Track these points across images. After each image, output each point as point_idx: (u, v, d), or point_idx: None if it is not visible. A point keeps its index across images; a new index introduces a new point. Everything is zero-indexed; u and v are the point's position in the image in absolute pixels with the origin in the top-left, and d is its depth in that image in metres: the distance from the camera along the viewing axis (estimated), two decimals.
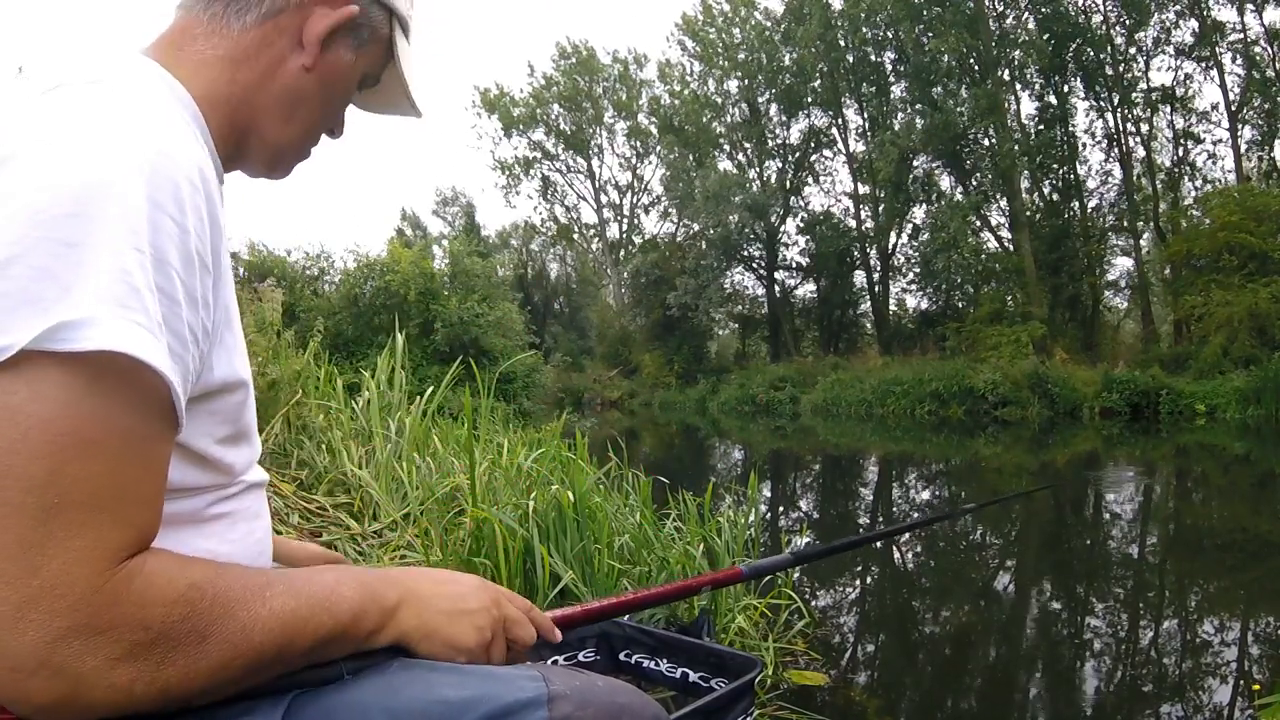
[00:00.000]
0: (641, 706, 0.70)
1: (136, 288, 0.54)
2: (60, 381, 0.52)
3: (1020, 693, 2.96)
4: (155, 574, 0.55)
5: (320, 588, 0.64)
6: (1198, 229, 20.26)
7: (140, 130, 0.59)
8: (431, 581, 0.73)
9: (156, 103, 0.64)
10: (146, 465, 0.56)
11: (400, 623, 0.68)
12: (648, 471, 3.36)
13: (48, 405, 0.51)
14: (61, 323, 0.51)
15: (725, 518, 3.15)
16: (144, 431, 0.56)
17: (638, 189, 38.16)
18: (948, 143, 24.21)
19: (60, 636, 0.50)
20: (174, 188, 0.58)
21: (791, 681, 2.72)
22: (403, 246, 20.12)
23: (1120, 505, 7.05)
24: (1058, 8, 23.14)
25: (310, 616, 0.62)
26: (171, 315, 0.57)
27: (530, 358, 17.64)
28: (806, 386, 22.77)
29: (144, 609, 0.53)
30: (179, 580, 0.56)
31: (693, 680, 0.91)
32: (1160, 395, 15.96)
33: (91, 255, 0.53)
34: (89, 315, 0.52)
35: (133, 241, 0.54)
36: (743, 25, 31.59)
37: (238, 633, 0.57)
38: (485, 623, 0.72)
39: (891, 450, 12.58)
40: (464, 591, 0.73)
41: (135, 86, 0.64)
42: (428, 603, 0.70)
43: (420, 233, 43.94)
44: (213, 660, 0.56)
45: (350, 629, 0.65)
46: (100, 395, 0.53)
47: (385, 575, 0.70)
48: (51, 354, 0.51)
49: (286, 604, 0.61)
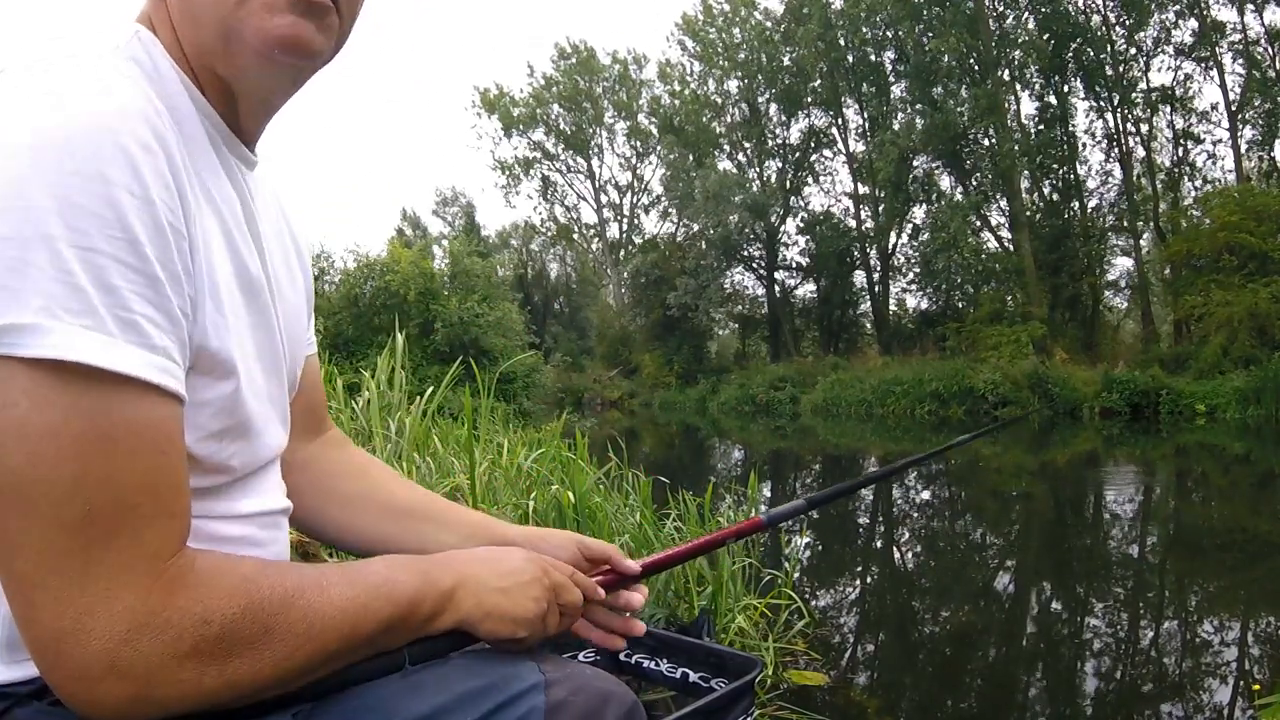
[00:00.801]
0: (624, 694, 0.72)
1: (80, 287, 0.50)
2: (53, 385, 0.49)
3: (1020, 693, 2.96)
4: (207, 568, 0.55)
5: (375, 575, 0.64)
6: (1198, 229, 20.26)
7: (77, 109, 0.53)
8: (481, 561, 0.72)
9: (99, 75, 0.57)
10: (163, 455, 0.54)
11: (459, 605, 0.68)
12: (648, 471, 3.36)
13: (50, 412, 0.49)
14: (7, 325, 0.48)
15: (725, 517, 3.16)
16: (150, 421, 0.53)
17: (638, 189, 38.20)
18: (948, 143, 24.21)
19: (123, 640, 0.50)
20: (123, 157, 0.53)
21: (791, 681, 2.72)
22: (403, 246, 20.15)
23: (1120, 505, 7.05)
24: (1058, 8, 23.14)
25: (369, 603, 0.62)
26: (154, 294, 0.53)
27: (530, 358, 17.65)
28: (806, 386, 22.76)
29: (202, 604, 0.53)
30: (232, 573, 0.56)
31: (693, 680, 0.91)
32: (1160, 395, 15.96)
33: (31, 253, 0.49)
34: (35, 322, 0.49)
35: (79, 230, 0.50)
36: (743, 25, 31.59)
37: (300, 622, 0.57)
38: (540, 593, 0.72)
39: (891, 450, 12.58)
40: (515, 565, 0.73)
41: (77, 63, 0.57)
42: (483, 581, 0.70)
43: (420, 233, 43.99)
44: (279, 651, 0.56)
45: (410, 615, 0.65)
46: (92, 395, 0.50)
47: (435, 559, 0.70)
48: (19, 359, 0.49)
49: (344, 592, 0.60)
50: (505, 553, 0.74)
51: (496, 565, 0.72)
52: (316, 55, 0.67)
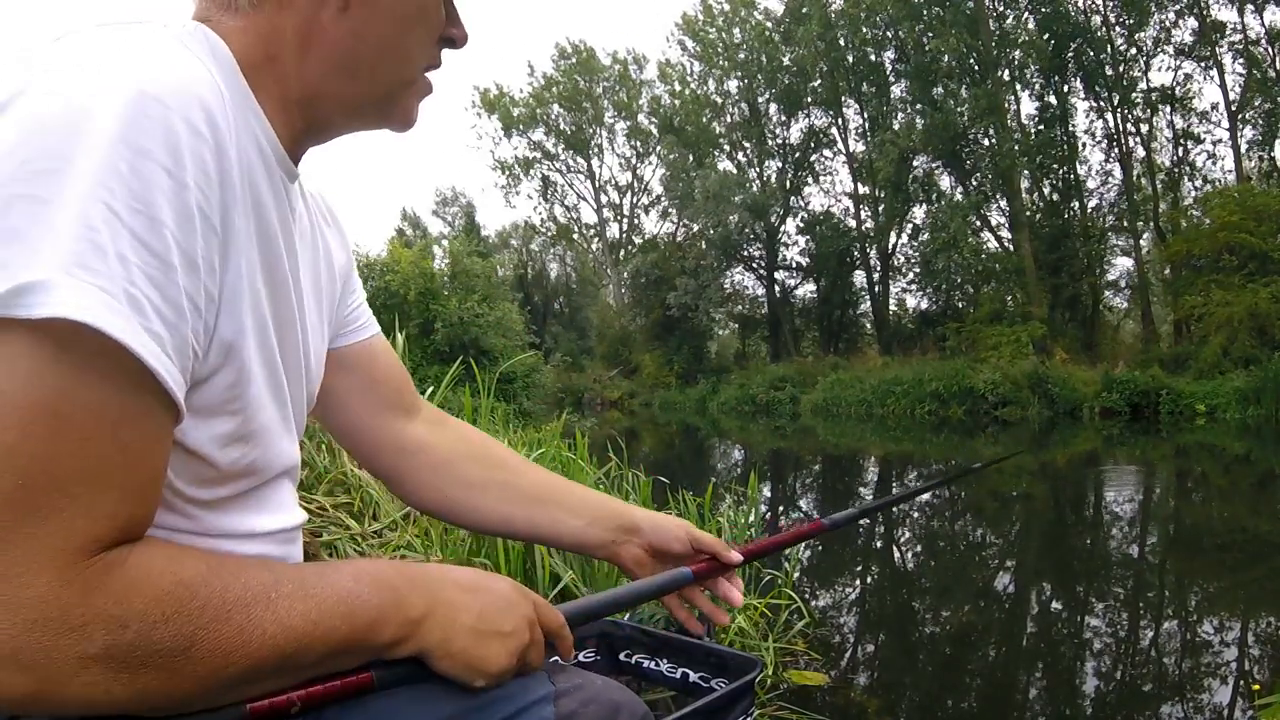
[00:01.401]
0: (634, 704, 0.72)
1: (101, 246, 0.47)
2: (23, 351, 0.46)
3: (1020, 693, 2.96)
4: (137, 568, 0.50)
5: (336, 589, 0.58)
6: (1198, 229, 20.27)
7: (136, 72, 0.52)
8: (465, 591, 0.65)
9: (169, 45, 0.56)
10: (124, 448, 0.50)
11: (424, 637, 0.62)
12: (648, 471, 3.37)
13: (7, 375, 0.46)
14: (18, 286, 0.46)
15: (725, 517, 3.16)
16: (121, 409, 0.50)
17: (638, 189, 38.22)
18: (948, 143, 24.22)
19: (25, 629, 0.46)
20: (167, 134, 0.51)
21: (791, 681, 2.72)
22: (403, 246, 20.15)
23: (1120, 505, 7.05)
24: (1058, 8, 23.15)
25: (321, 621, 0.56)
26: (164, 279, 0.51)
27: (530, 358, 17.66)
28: (806, 386, 22.77)
29: (120, 605, 0.48)
30: (165, 577, 0.51)
31: (693, 680, 0.91)
32: (1160, 395, 15.97)
33: (60, 213, 0.47)
34: (44, 278, 0.46)
35: (104, 195, 0.48)
36: (743, 25, 31.60)
37: (233, 638, 0.52)
38: (514, 647, 0.66)
39: (891, 450, 12.58)
40: (499, 607, 0.66)
41: (148, 29, 0.57)
42: (457, 619, 0.63)
43: (420, 233, 44.00)
44: (201, 667, 0.51)
45: (367, 639, 0.59)
46: (66, 367, 0.47)
47: (412, 578, 0.63)
48: (12, 320, 0.46)
49: (295, 607, 0.55)
50: (491, 584, 0.67)
51: (480, 603, 0.65)
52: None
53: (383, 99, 0.70)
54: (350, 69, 0.67)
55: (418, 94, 0.72)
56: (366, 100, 0.69)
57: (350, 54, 0.66)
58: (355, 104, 0.69)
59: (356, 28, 0.66)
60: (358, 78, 0.68)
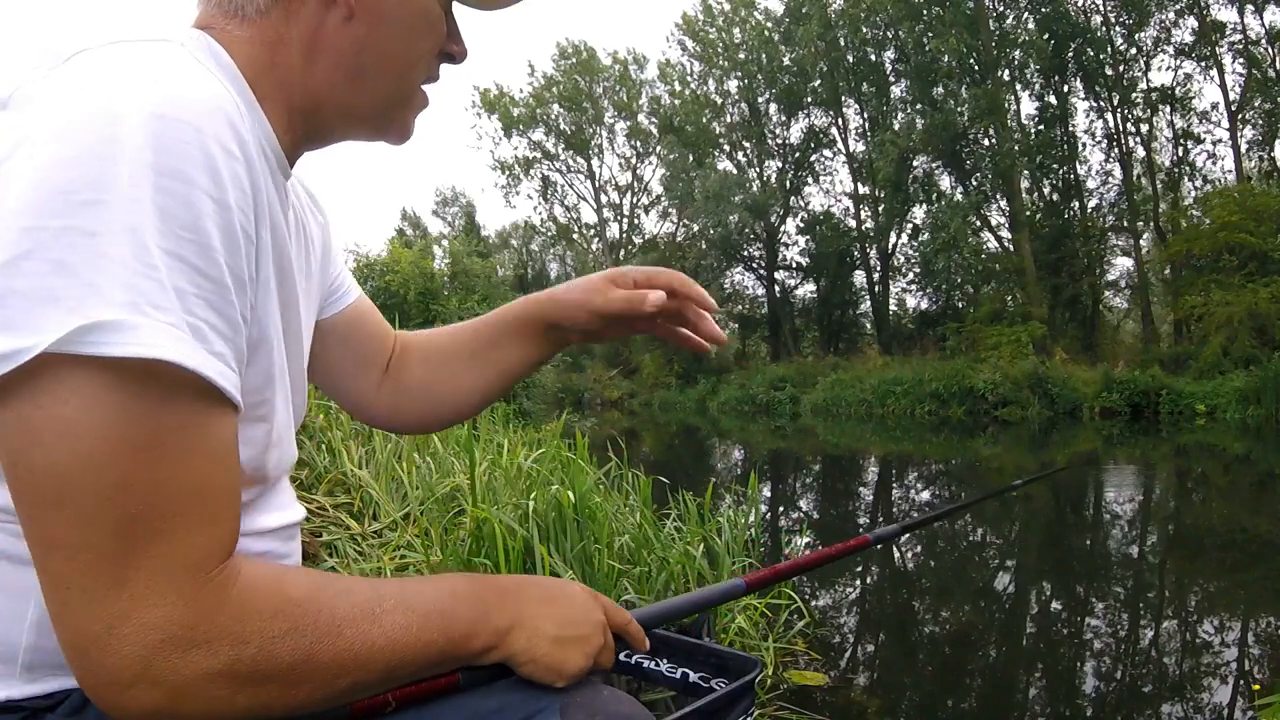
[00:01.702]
0: (643, 717, 0.72)
1: (162, 282, 0.49)
2: (105, 385, 0.48)
3: (1020, 693, 2.96)
4: (250, 585, 0.53)
5: (434, 604, 0.62)
6: (1198, 229, 20.25)
7: (168, 96, 0.52)
8: (544, 602, 0.70)
9: (187, 63, 0.56)
10: (212, 465, 0.53)
11: (509, 645, 0.66)
12: (648, 471, 3.37)
13: (100, 411, 0.48)
14: (91, 324, 0.47)
15: (725, 518, 3.16)
16: (202, 430, 0.52)
17: (638, 189, 38.19)
18: (948, 143, 24.21)
19: (155, 650, 0.49)
20: (206, 159, 0.52)
21: (791, 681, 2.72)
22: (403, 246, 20.13)
23: (1120, 505, 7.05)
24: (1058, 8, 23.14)
25: (422, 634, 0.60)
26: (220, 301, 0.52)
27: None
28: (806, 386, 22.76)
29: (242, 622, 0.52)
30: (276, 593, 0.54)
31: (693, 680, 0.90)
32: (1160, 395, 15.96)
33: (115, 247, 0.48)
34: (116, 318, 0.47)
35: (157, 226, 0.49)
36: (743, 25, 31.60)
37: (345, 652, 0.55)
38: (590, 650, 0.70)
39: (891, 450, 12.58)
40: (576, 616, 0.70)
41: (165, 47, 0.57)
42: (540, 628, 0.68)
43: (420, 233, 43.98)
44: (317, 679, 0.55)
45: (461, 647, 0.64)
46: (151, 399, 0.49)
47: (500, 591, 0.68)
48: (84, 358, 0.47)
49: (398, 620, 0.59)
50: (573, 599, 0.72)
51: (560, 612, 0.70)
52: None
53: (382, 110, 0.72)
54: (353, 78, 0.68)
55: (415, 108, 0.74)
56: (367, 110, 0.71)
57: (354, 63, 0.68)
58: (356, 113, 0.71)
59: (361, 37, 0.67)
60: (360, 87, 0.69)
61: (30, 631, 0.56)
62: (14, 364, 0.47)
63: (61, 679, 0.57)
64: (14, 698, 0.57)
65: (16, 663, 0.56)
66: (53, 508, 0.48)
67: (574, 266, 44.11)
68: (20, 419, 0.48)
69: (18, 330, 0.47)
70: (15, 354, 0.46)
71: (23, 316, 0.47)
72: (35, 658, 0.56)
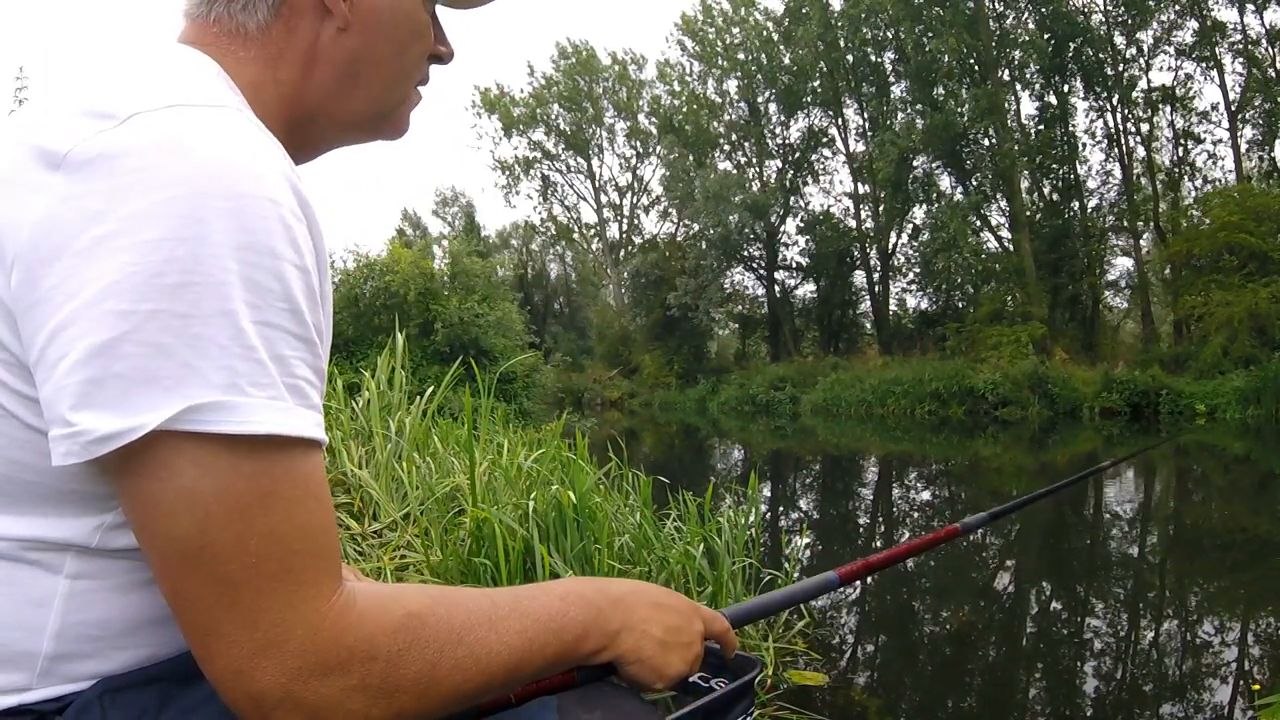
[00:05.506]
0: (645, 714, 0.73)
1: (261, 361, 0.53)
2: (215, 456, 0.52)
3: (1020, 693, 2.96)
4: (371, 605, 0.56)
5: (548, 609, 0.65)
6: (1198, 229, 20.26)
7: (245, 174, 0.54)
8: (652, 606, 0.73)
9: (251, 133, 0.58)
10: (318, 504, 0.56)
11: (617, 646, 0.70)
12: (648, 471, 3.37)
13: (213, 480, 0.52)
14: (196, 405, 0.50)
15: (725, 518, 3.15)
16: (307, 475, 0.56)
17: (638, 189, 38.18)
18: (948, 143, 24.21)
19: (293, 678, 0.53)
20: (285, 230, 0.55)
21: (791, 681, 2.72)
22: (403, 246, 20.14)
23: (1120, 505, 7.05)
24: (1058, 8, 23.14)
25: (537, 639, 0.63)
26: (312, 356, 0.57)
27: (530, 358, 17.65)
28: (806, 386, 22.76)
29: (369, 642, 0.55)
30: (395, 610, 0.57)
31: (692, 680, 0.91)
32: (1160, 395, 15.97)
33: (209, 328, 0.51)
34: (218, 399, 0.51)
35: (252, 301, 0.52)
36: (742, 25, 31.60)
37: (467, 658, 0.59)
38: (691, 656, 0.74)
39: (891, 450, 12.58)
40: (680, 624, 0.73)
41: (225, 115, 0.58)
42: (648, 631, 0.71)
43: (420, 233, 43.93)
44: (445, 686, 0.58)
45: (574, 649, 0.67)
46: (256, 462, 0.53)
47: (612, 596, 0.71)
48: (193, 434, 0.51)
49: (513, 626, 0.62)
50: (677, 608, 0.75)
51: (666, 619, 0.73)
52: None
53: (378, 114, 0.74)
54: (349, 87, 0.71)
55: (410, 106, 0.77)
56: (363, 116, 0.73)
57: (349, 72, 0.70)
58: (352, 119, 0.73)
59: (356, 47, 0.69)
60: (355, 95, 0.71)
61: (50, 642, 0.57)
62: (122, 442, 0.50)
63: (70, 684, 0.58)
64: (26, 703, 0.58)
65: (34, 671, 0.58)
66: (182, 568, 0.52)
67: (574, 266, 44.12)
68: (141, 492, 0.52)
69: (122, 411, 0.50)
70: (124, 433, 0.50)
71: (126, 398, 0.50)
72: (52, 666, 0.58)
